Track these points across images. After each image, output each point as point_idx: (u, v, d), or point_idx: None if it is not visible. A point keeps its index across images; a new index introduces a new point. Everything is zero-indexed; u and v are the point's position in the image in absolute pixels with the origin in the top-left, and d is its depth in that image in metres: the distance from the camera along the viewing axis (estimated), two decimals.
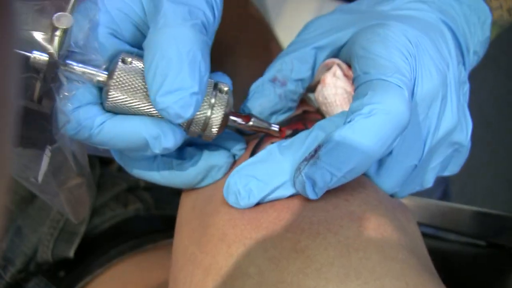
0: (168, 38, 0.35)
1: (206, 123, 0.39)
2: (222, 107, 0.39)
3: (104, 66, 0.37)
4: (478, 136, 0.46)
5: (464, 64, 0.47)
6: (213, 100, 0.39)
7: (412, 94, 0.40)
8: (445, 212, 0.56)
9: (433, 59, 0.42)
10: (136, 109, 0.37)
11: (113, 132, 0.36)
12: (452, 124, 0.43)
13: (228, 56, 0.56)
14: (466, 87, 0.46)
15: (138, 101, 0.37)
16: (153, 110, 0.37)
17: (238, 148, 0.43)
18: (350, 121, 0.37)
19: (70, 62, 0.36)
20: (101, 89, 0.38)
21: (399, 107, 0.37)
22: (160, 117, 0.37)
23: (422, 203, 0.58)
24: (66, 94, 0.36)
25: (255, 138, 0.44)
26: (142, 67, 0.37)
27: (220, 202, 0.40)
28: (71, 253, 0.67)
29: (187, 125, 0.38)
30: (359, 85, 0.40)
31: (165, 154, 0.41)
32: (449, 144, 0.44)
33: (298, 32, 0.49)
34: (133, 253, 0.67)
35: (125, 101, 0.37)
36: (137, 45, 0.40)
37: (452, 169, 0.46)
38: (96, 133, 0.36)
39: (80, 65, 0.36)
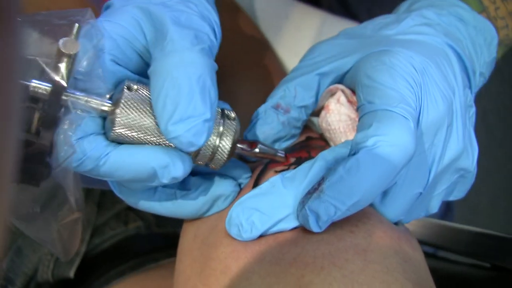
0: (177, 63, 0.34)
1: (215, 152, 0.38)
2: (231, 135, 0.38)
3: (108, 96, 0.36)
4: (483, 146, 0.46)
5: (470, 87, 0.47)
6: (221, 128, 0.38)
7: (418, 122, 0.39)
8: (448, 231, 0.55)
9: (439, 86, 0.41)
10: (143, 138, 0.36)
11: (119, 162, 0.35)
12: (457, 151, 0.42)
13: (229, 79, 0.55)
14: (472, 110, 0.45)
15: (146, 131, 0.36)
16: (161, 139, 0.36)
17: (244, 177, 0.42)
18: (354, 154, 0.36)
19: (73, 91, 0.35)
20: (105, 118, 0.36)
21: (405, 139, 0.36)
22: (167, 145, 0.36)
23: (425, 222, 0.57)
24: (68, 124, 0.35)
25: (258, 166, 0.43)
26: (149, 95, 0.36)
27: (222, 233, 0.39)
28: (71, 274, 0.66)
29: (195, 154, 0.37)
30: (364, 115, 0.39)
31: (168, 185, 0.40)
32: (454, 170, 0.43)
33: (299, 49, 0.49)
34: (134, 273, 0.66)
35: (132, 130, 0.35)
36: (139, 72, 0.39)
37: (458, 194, 0.45)
38: (101, 164, 0.35)
39: (83, 94, 0.35)
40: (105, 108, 0.35)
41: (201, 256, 0.39)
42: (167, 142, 0.36)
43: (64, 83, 0.34)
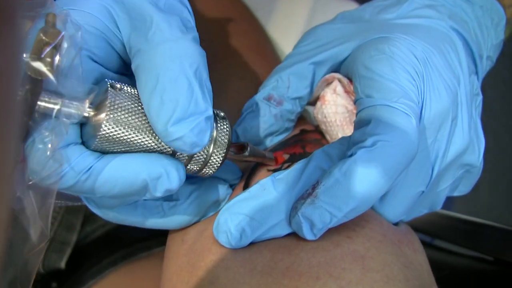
0: (171, 55, 0.29)
1: (207, 160, 0.33)
2: (224, 141, 0.33)
3: (88, 99, 0.30)
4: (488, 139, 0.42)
5: (476, 73, 0.43)
6: (214, 133, 0.33)
7: (420, 117, 0.36)
8: (446, 220, 0.52)
9: (443, 77, 0.37)
10: (133, 144, 0.31)
11: (105, 176, 0.30)
12: (463, 146, 0.38)
13: (217, 66, 0.51)
14: (479, 99, 0.41)
15: (138, 135, 0.30)
16: (156, 143, 0.31)
17: (235, 178, 0.39)
18: (351, 155, 0.32)
19: (48, 94, 0.29)
20: (81, 126, 0.31)
21: (406, 138, 0.32)
22: (160, 151, 0.31)
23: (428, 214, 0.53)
24: (48, 133, 0.29)
25: (248, 164, 0.40)
26: (136, 93, 0.31)
27: (211, 238, 0.35)
28: (62, 264, 0.63)
29: (186, 163, 0.33)
30: (361, 110, 0.35)
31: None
32: (459, 166, 0.39)
33: (292, 30, 0.45)
34: (126, 262, 0.63)
35: (120, 136, 0.30)
36: (115, 70, 0.34)
37: (463, 190, 0.42)
38: (83, 179, 0.29)
39: (58, 98, 0.29)
40: (86, 114, 0.30)
41: (188, 263, 0.36)
42: (162, 146, 0.31)
43: (51, 77, 0.28)
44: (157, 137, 0.31)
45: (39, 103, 0.29)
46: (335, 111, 0.40)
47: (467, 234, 0.51)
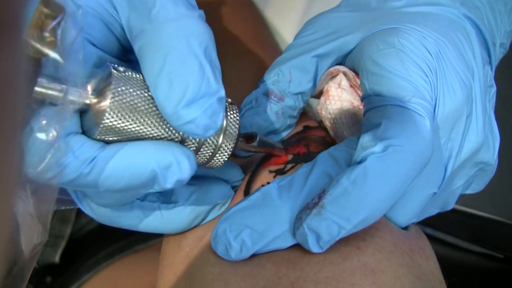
0: (178, 34, 0.27)
1: (217, 150, 0.30)
2: (234, 130, 0.31)
3: (90, 85, 0.27)
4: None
5: (490, 62, 0.39)
6: (224, 122, 0.30)
7: (433, 115, 0.32)
8: (451, 214, 0.49)
9: (457, 71, 0.34)
10: (140, 131, 0.28)
11: (110, 168, 0.27)
12: (477, 144, 0.35)
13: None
14: (493, 91, 0.38)
15: (145, 120, 0.28)
16: (161, 132, 0.28)
17: (237, 179, 0.36)
18: (360, 161, 0.29)
19: (45, 79, 0.26)
20: (81, 114, 0.28)
21: (420, 142, 0.29)
22: (168, 139, 0.29)
23: None
24: (42, 122, 0.26)
25: (248, 166, 0.36)
26: (141, 76, 0.28)
27: (210, 247, 0.33)
28: (56, 258, 0.61)
29: (194, 152, 0.30)
30: (370, 110, 0.32)
31: (147, 198, 0.32)
32: (473, 164, 0.36)
33: (291, 16, 0.41)
34: (123, 255, 0.61)
35: (125, 124, 0.27)
36: (114, 54, 0.31)
37: (476, 188, 0.39)
38: (86, 172, 0.27)
39: (58, 83, 0.26)
40: (88, 101, 0.27)
41: (185, 273, 0.33)
42: (171, 133, 0.29)
43: (56, 56, 0.25)
44: (165, 123, 0.28)
45: (37, 88, 0.25)
46: (340, 107, 0.37)
47: (476, 229, 0.48)
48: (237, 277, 0.31)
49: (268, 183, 0.35)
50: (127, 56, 0.31)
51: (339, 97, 0.37)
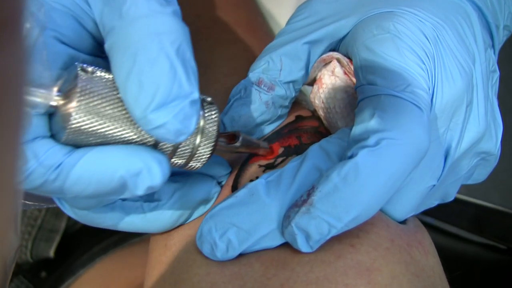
0: (149, 32, 0.25)
1: (194, 152, 0.29)
2: (213, 130, 0.29)
3: (56, 87, 0.26)
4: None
5: (493, 46, 0.37)
6: (201, 123, 0.29)
7: (431, 106, 0.30)
8: (462, 207, 0.47)
9: (456, 57, 0.31)
10: (108, 136, 0.26)
11: (77, 174, 0.25)
12: (479, 133, 0.33)
13: (203, 44, 0.44)
14: (496, 76, 0.36)
15: (113, 124, 0.26)
16: (132, 135, 0.27)
17: (223, 174, 0.34)
18: (352, 156, 0.27)
19: None
20: (49, 116, 0.27)
21: (415, 135, 0.27)
22: (139, 143, 0.27)
23: None
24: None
25: (237, 159, 0.34)
26: (110, 77, 0.26)
27: (196, 247, 0.31)
28: (51, 253, 0.59)
29: (170, 155, 0.28)
30: (363, 99, 0.30)
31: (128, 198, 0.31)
32: (474, 154, 0.34)
33: (286, 0, 0.38)
34: (118, 249, 0.59)
35: (92, 127, 0.26)
36: (86, 51, 0.29)
37: (478, 178, 0.37)
38: (52, 179, 0.25)
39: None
40: (54, 103, 0.25)
41: (172, 274, 0.31)
42: (143, 137, 0.27)
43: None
44: (136, 126, 0.26)
45: None
46: (333, 96, 0.35)
47: (478, 219, 0.46)
48: (224, 278, 0.29)
49: (257, 178, 0.33)
50: (102, 51, 0.29)
51: (333, 85, 0.35)
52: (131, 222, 0.31)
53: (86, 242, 0.60)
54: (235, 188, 0.33)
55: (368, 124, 0.28)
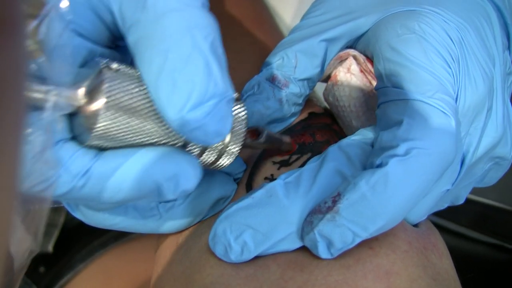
0: (180, 26, 0.23)
1: (223, 152, 0.27)
2: (242, 129, 0.27)
3: (83, 86, 0.24)
4: None
5: (508, 47, 0.36)
6: None
7: (457, 112, 0.29)
8: (469, 206, 0.46)
9: (479, 61, 0.30)
10: (135, 137, 0.24)
11: (108, 180, 0.24)
12: (495, 138, 0.32)
13: None
14: (511, 79, 0.35)
15: (144, 124, 0.24)
16: (161, 136, 0.25)
17: (239, 171, 0.32)
18: (381, 164, 0.26)
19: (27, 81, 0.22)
20: (70, 117, 0.25)
21: (445, 144, 0.26)
22: (169, 145, 0.25)
23: None
24: (27, 132, 0.22)
25: (249, 157, 0.33)
26: (136, 75, 0.24)
27: (210, 247, 0.29)
28: (49, 248, 0.58)
29: (198, 156, 0.27)
30: (387, 102, 0.28)
31: None
32: (489, 159, 0.33)
33: None
34: (118, 243, 0.58)
35: (121, 128, 0.24)
36: (102, 43, 0.27)
37: (489, 181, 0.36)
38: (79, 186, 0.23)
39: (43, 84, 0.22)
40: (77, 103, 0.23)
41: (183, 274, 0.30)
42: (173, 138, 0.25)
43: (40, 59, 0.22)
44: (165, 127, 0.25)
45: None
46: (348, 94, 0.33)
47: (484, 218, 0.46)
48: (239, 280, 0.27)
49: (272, 175, 0.32)
50: (115, 43, 0.28)
51: (348, 82, 0.34)
52: (145, 224, 0.29)
53: (85, 237, 0.59)
54: (249, 185, 0.31)
55: (397, 131, 0.27)
